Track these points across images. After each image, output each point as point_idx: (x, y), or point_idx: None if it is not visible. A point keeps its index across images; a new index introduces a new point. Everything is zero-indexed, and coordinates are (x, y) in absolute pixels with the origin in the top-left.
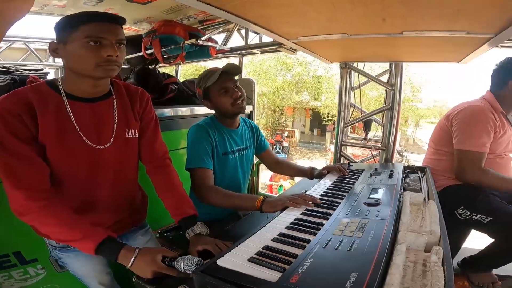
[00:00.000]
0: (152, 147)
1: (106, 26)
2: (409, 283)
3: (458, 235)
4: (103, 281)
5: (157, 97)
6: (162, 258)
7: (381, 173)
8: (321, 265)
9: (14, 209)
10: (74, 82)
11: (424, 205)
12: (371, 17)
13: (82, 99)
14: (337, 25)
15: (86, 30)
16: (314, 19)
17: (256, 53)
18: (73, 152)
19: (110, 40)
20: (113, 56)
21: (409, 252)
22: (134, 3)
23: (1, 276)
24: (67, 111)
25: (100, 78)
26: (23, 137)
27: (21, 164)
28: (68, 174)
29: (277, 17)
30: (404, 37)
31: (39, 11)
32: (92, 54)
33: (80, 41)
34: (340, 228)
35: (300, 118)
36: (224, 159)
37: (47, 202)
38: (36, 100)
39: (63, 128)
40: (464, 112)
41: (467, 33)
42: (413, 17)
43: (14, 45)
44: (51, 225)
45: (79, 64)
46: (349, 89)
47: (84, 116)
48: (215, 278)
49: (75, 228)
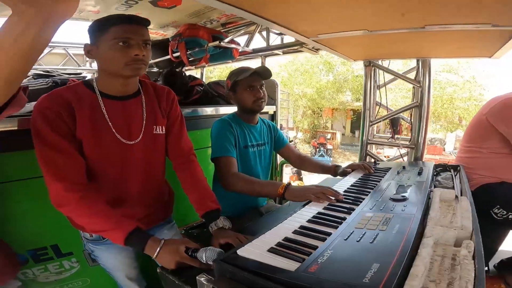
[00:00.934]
0: (178, 143)
1: (133, 28)
2: (435, 276)
3: (494, 236)
4: (130, 275)
5: (183, 98)
6: (185, 249)
7: (409, 171)
8: (342, 256)
9: (54, 201)
10: (106, 81)
11: (456, 202)
12: (390, 12)
13: (114, 97)
14: (357, 21)
15: (114, 32)
16: (332, 15)
17: (279, 54)
18: (106, 147)
19: (136, 41)
20: (140, 55)
21: (437, 247)
22: (160, 7)
23: (37, 269)
24: (101, 109)
25: (129, 76)
26: (63, 133)
27: (62, 158)
28: (101, 169)
29: (295, 15)
30: (427, 31)
31: (76, 17)
32: (121, 54)
33: (109, 42)
34: (363, 222)
35: (341, 119)
36: (244, 152)
37: (84, 194)
38: (74, 99)
39: (97, 124)
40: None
41: (493, 26)
42: (434, 11)
43: (54, 50)
44: (86, 216)
45: (110, 63)
46: (374, 87)
47: (116, 113)
48: (234, 267)
49: (107, 219)
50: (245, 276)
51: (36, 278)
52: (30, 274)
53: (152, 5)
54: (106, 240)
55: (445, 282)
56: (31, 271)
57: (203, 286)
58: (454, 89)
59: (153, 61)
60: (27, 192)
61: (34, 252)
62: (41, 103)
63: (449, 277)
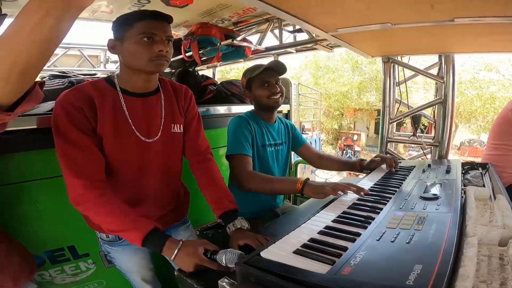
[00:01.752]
0: (196, 142)
1: (158, 24)
2: (485, 276)
3: None
4: (146, 277)
5: (197, 97)
6: (204, 251)
7: (436, 169)
8: (377, 258)
9: (72, 198)
10: (128, 77)
11: (491, 200)
12: (417, 4)
13: (134, 94)
14: (380, 13)
15: (139, 27)
16: (354, 7)
17: (292, 52)
18: (126, 144)
19: (161, 37)
20: (164, 51)
21: (481, 247)
22: (172, 6)
23: (54, 270)
24: (121, 105)
25: (151, 72)
26: (84, 129)
27: (82, 154)
28: (120, 166)
29: (315, 7)
30: (455, 24)
31: (90, 17)
32: (146, 49)
33: (135, 37)
34: (394, 221)
35: (364, 120)
36: (262, 151)
37: (103, 192)
38: (96, 95)
39: (118, 121)
40: None
41: None
42: (464, 1)
43: (69, 52)
44: (104, 215)
45: (134, 59)
46: (393, 84)
47: (136, 110)
48: (259, 270)
49: (125, 218)
50: (271, 280)
51: (53, 280)
52: (47, 275)
53: (164, 4)
54: (122, 241)
55: (497, 283)
56: (47, 272)
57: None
58: (496, 87)
59: None
60: (44, 192)
61: (51, 253)
62: (64, 98)
63: (500, 277)
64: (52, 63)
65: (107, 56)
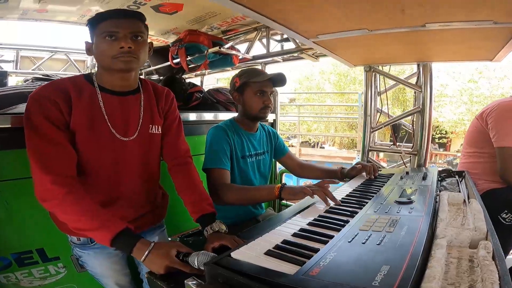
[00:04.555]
0: (175, 145)
1: (120, 21)
2: (454, 278)
3: (504, 242)
4: (121, 282)
5: (183, 104)
6: (177, 253)
7: (413, 176)
8: (346, 259)
9: (38, 194)
10: (103, 76)
11: (465, 205)
12: (390, 9)
13: (112, 92)
14: (356, 19)
15: (102, 27)
16: (331, 13)
17: (279, 61)
18: (100, 141)
19: (124, 33)
20: (125, 47)
21: (452, 249)
22: (162, 13)
23: (20, 273)
24: (98, 102)
25: (119, 70)
26: (57, 123)
27: (52, 149)
28: (94, 164)
29: (294, 13)
30: (428, 31)
31: (78, 21)
32: (108, 47)
33: (99, 37)
34: (368, 224)
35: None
36: (242, 162)
37: (71, 189)
38: (73, 89)
39: (93, 117)
40: (497, 109)
41: (494, 23)
42: (433, 7)
43: (55, 56)
44: (71, 213)
45: (101, 57)
46: (375, 93)
47: (113, 108)
48: (227, 270)
49: (94, 217)
50: (239, 281)
51: (19, 282)
52: (13, 278)
53: (154, 11)
54: (94, 245)
55: (466, 285)
56: (14, 275)
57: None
58: None
59: (153, 68)
60: (14, 193)
61: (18, 255)
62: (38, 91)
63: (469, 280)
64: (37, 66)
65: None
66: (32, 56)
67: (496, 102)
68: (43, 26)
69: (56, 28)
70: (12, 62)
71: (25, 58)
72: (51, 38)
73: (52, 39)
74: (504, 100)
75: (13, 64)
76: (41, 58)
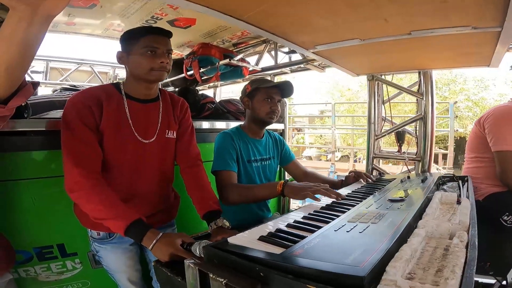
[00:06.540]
0: (188, 149)
1: (159, 38)
2: (425, 264)
3: (506, 245)
4: (132, 278)
5: (196, 114)
6: (181, 243)
7: (413, 180)
8: (329, 243)
9: (67, 185)
10: (132, 85)
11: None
12: (374, 18)
13: (137, 100)
14: (346, 30)
15: (144, 42)
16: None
17: (287, 72)
18: (124, 143)
19: (162, 50)
20: (165, 62)
21: (431, 240)
22: (176, 27)
23: (40, 267)
24: (124, 108)
25: (152, 81)
26: (90, 125)
27: (83, 147)
28: (117, 162)
29: (289, 26)
30: (417, 38)
31: (102, 34)
32: (149, 61)
33: (139, 50)
34: (357, 217)
35: None
36: (248, 166)
37: (96, 182)
38: (104, 96)
39: (119, 121)
40: (494, 114)
41: (473, 28)
42: (410, 15)
43: (81, 67)
44: (94, 202)
45: (138, 69)
46: (378, 102)
47: (137, 114)
48: (221, 250)
49: (112, 207)
50: (230, 259)
51: (37, 276)
52: (32, 272)
53: (169, 25)
54: (112, 239)
55: (434, 269)
56: (33, 269)
57: (189, 268)
58: None
59: (169, 80)
60: (41, 190)
61: (40, 250)
62: (75, 98)
63: (439, 265)
64: (65, 78)
65: (115, 73)
66: (60, 67)
67: (493, 107)
68: (70, 39)
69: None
70: (42, 73)
71: (53, 69)
72: (76, 51)
73: (78, 52)
74: (500, 105)
75: (42, 75)
76: (68, 70)
